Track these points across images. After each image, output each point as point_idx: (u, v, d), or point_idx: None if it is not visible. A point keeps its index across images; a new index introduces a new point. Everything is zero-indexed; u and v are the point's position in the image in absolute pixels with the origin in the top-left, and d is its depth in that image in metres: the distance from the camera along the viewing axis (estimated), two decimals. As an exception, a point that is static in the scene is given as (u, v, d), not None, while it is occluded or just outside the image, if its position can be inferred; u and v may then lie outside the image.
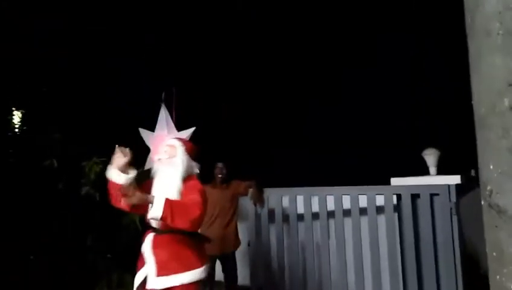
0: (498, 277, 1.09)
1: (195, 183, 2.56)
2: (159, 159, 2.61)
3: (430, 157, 4.21)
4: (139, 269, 2.58)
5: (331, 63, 7.56)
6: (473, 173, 4.26)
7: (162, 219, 2.30)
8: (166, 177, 2.54)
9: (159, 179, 2.57)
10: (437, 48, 6.60)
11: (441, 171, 4.25)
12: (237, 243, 4.21)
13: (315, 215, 4.23)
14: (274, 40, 7.54)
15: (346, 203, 4.08)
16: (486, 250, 1.16)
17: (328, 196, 4.17)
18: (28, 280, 5.96)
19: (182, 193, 2.49)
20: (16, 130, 7.57)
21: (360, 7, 6.99)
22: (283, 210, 4.44)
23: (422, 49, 7.01)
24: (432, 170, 4.23)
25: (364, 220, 4.00)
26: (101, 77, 7.47)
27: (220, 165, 4.20)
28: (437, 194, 3.74)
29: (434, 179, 4.08)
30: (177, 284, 2.45)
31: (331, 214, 4.19)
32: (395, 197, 3.95)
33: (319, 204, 4.19)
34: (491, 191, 1.10)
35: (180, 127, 4.89)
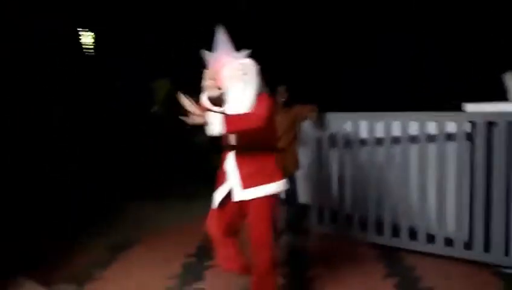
0: None
1: (264, 98, 2.57)
2: (232, 76, 2.58)
3: (511, 81, 3.83)
4: (219, 186, 2.70)
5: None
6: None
7: (226, 129, 2.37)
8: (238, 94, 2.53)
9: (230, 96, 2.57)
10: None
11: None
12: (297, 166, 4.31)
13: (379, 141, 4.17)
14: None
15: (414, 129, 3.95)
16: None
17: (393, 122, 4.05)
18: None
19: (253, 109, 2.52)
20: (88, 51, 7.98)
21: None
22: (345, 135, 4.42)
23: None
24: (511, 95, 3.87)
25: (432, 148, 3.88)
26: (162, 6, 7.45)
27: (281, 89, 4.17)
28: (517, 122, 3.47)
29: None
30: (262, 195, 2.58)
31: (396, 141, 4.10)
32: (468, 124, 3.74)
33: (384, 130, 4.09)
34: None
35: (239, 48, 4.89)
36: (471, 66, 6.00)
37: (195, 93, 7.17)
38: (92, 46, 7.79)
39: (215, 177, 7.41)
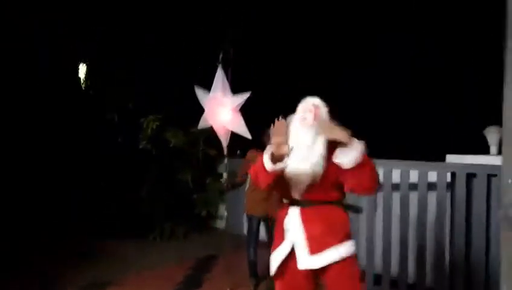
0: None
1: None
2: (304, 119, 2.22)
3: (493, 135, 3.94)
4: (276, 247, 2.29)
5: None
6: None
7: (354, 165, 1.99)
8: (307, 140, 2.17)
9: (299, 140, 2.19)
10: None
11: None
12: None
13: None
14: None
15: (396, 177, 3.98)
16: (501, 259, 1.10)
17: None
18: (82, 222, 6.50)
19: (327, 158, 2.14)
20: (81, 84, 8.04)
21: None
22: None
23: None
24: (493, 149, 3.97)
25: (413, 196, 3.90)
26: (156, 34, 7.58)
27: (269, 131, 4.21)
28: (495, 175, 3.53)
29: (494, 159, 3.83)
30: (336, 260, 2.13)
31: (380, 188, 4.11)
32: (449, 174, 3.79)
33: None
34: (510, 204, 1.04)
35: (235, 90, 4.92)
36: (454, 121, 6.14)
37: (185, 128, 7.09)
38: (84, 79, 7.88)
39: (199, 219, 7.22)
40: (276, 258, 2.25)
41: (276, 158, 2.08)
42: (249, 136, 4.12)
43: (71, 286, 4.19)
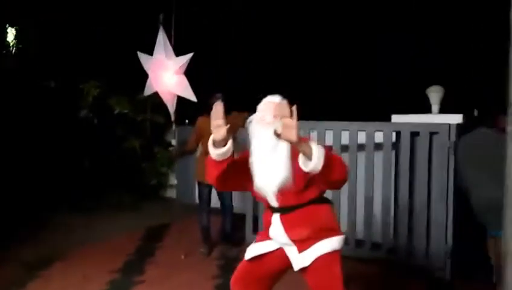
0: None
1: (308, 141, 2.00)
2: (263, 119, 2.06)
3: (434, 95, 4.10)
4: (258, 240, 2.27)
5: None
6: (475, 112, 4.17)
7: (320, 170, 1.84)
8: (268, 141, 2.00)
9: (260, 142, 2.05)
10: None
11: (444, 110, 4.17)
12: None
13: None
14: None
15: (345, 139, 4.06)
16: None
17: (327, 131, 4.13)
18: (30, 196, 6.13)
19: (293, 158, 1.99)
20: (12, 48, 7.35)
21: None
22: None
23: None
24: (435, 108, 4.14)
25: (361, 156, 4.01)
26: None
27: (218, 95, 4.09)
28: (437, 133, 3.70)
29: (435, 118, 4.00)
30: (323, 252, 2.08)
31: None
32: (394, 134, 3.92)
33: (317, 139, 4.16)
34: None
35: (178, 52, 4.70)
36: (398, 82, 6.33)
37: (128, 93, 6.77)
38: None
39: (148, 189, 7.03)
40: (257, 249, 2.21)
41: (217, 143, 1.98)
42: (194, 98, 4.00)
43: (14, 262, 3.95)
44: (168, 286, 3.54)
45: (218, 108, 1.97)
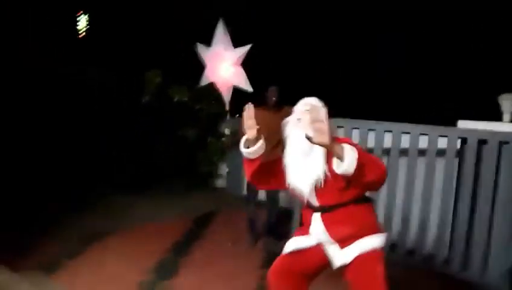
0: None
1: (349, 142, 2.00)
2: (299, 120, 2.07)
3: (506, 102, 3.83)
4: (298, 234, 2.27)
5: None
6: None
7: (352, 172, 1.82)
8: (303, 143, 1.97)
9: (296, 144, 2.07)
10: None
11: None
12: None
13: (369, 151, 4.11)
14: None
15: (405, 142, 3.90)
16: None
17: (386, 132, 3.99)
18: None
19: (330, 158, 1.98)
20: (82, 34, 7.81)
21: None
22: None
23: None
24: (506, 116, 3.86)
25: (421, 162, 3.83)
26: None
27: (273, 88, 4.10)
28: (507, 143, 3.45)
29: (506, 126, 3.73)
30: (368, 249, 2.06)
31: (386, 152, 4.04)
32: (459, 141, 3.71)
33: (375, 140, 4.04)
34: None
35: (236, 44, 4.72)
36: (467, 86, 6.00)
37: (187, 83, 6.96)
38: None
39: (199, 177, 7.14)
40: (296, 243, 2.22)
41: (249, 142, 2.04)
42: (250, 89, 4.01)
43: (70, 235, 4.20)
44: (214, 270, 3.60)
45: (250, 109, 2.01)
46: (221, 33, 4.13)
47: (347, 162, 1.78)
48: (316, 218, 2.14)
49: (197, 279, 3.37)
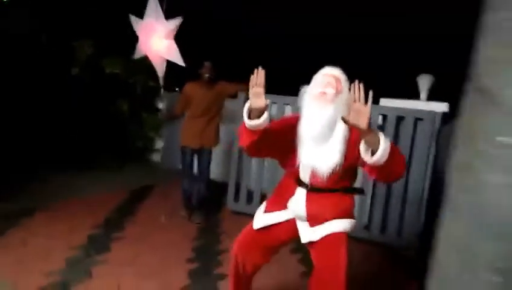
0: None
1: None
2: (324, 94, 1.92)
3: (424, 82, 4.17)
4: (269, 211, 2.21)
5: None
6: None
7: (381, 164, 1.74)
8: (325, 122, 1.90)
9: (313, 118, 1.93)
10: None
11: (432, 97, 4.25)
12: (216, 141, 4.34)
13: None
14: None
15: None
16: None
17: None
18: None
19: (350, 143, 1.94)
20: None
21: None
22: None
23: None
24: (423, 95, 4.22)
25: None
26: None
27: (207, 64, 4.12)
28: (421, 119, 3.79)
29: (422, 104, 4.09)
30: (330, 232, 2.05)
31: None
32: (380, 117, 4.00)
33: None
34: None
35: (168, 17, 4.60)
36: (390, 67, 6.39)
37: (121, 55, 6.64)
38: None
39: (134, 152, 6.95)
40: (268, 219, 2.17)
41: (253, 111, 1.84)
42: (182, 63, 3.99)
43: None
44: (147, 243, 3.62)
45: (260, 74, 1.81)
46: (153, 5, 4.00)
47: (381, 152, 1.70)
48: (301, 194, 2.10)
49: (130, 253, 3.38)
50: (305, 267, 3.36)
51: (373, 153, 1.74)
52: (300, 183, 2.10)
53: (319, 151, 1.93)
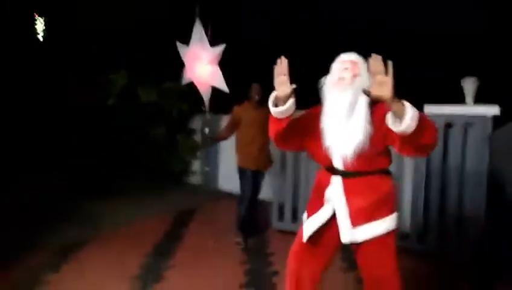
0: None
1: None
2: (342, 79, 1.97)
3: (469, 85, 4.01)
4: (311, 214, 2.15)
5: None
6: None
7: (411, 132, 1.71)
8: (346, 104, 1.94)
9: (336, 105, 1.97)
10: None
11: (478, 101, 4.08)
12: (270, 163, 4.28)
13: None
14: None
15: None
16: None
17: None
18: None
19: (374, 121, 1.93)
20: (39, 36, 7.48)
21: None
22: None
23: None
24: (469, 99, 4.05)
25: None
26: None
27: (256, 85, 4.09)
28: (471, 124, 3.64)
29: (470, 109, 3.93)
30: (378, 234, 2.00)
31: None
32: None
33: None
34: None
35: (214, 43, 4.59)
36: (432, 69, 6.22)
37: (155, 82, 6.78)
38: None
39: (172, 175, 7.04)
40: (313, 224, 2.11)
41: (279, 99, 1.93)
42: (227, 90, 3.98)
43: (46, 247, 4.05)
44: (199, 270, 3.60)
45: (284, 62, 1.89)
46: (197, 32, 4.04)
47: (407, 120, 1.67)
48: (336, 181, 2.06)
49: (184, 281, 3.36)
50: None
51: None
52: (334, 171, 2.07)
53: (343, 133, 1.95)
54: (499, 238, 3.51)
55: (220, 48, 3.85)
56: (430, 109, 3.92)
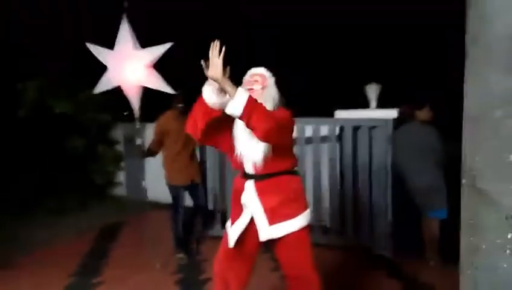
0: (471, 238, 1.39)
1: (285, 111, 2.18)
2: (250, 90, 2.13)
3: (372, 91, 4.48)
4: (234, 221, 2.32)
5: None
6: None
7: (241, 116, 1.90)
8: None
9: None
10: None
11: (380, 104, 4.56)
12: (201, 172, 4.23)
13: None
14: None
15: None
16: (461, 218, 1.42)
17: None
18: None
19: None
20: None
21: None
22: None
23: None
24: (373, 103, 4.52)
25: (309, 148, 4.28)
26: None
27: (178, 95, 3.87)
28: (374, 127, 4.07)
29: (374, 113, 4.38)
30: (293, 230, 2.21)
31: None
32: (337, 128, 4.25)
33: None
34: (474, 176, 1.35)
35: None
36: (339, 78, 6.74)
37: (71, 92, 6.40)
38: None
39: (95, 188, 6.73)
40: (235, 230, 2.28)
41: (213, 88, 2.06)
42: (170, 90, 3.69)
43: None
44: (129, 285, 3.57)
45: (217, 45, 1.93)
46: (126, 31, 3.65)
47: (234, 103, 1.88)
48: (249, 185, 2.24)
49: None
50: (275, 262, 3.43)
51: None
52: (247, 176, 2.27)
53: (251, 141, 2.13)
54: (402, 226, 3.97)
55: (163, 47, 3.54)
56: (340, 114, 4.30)
